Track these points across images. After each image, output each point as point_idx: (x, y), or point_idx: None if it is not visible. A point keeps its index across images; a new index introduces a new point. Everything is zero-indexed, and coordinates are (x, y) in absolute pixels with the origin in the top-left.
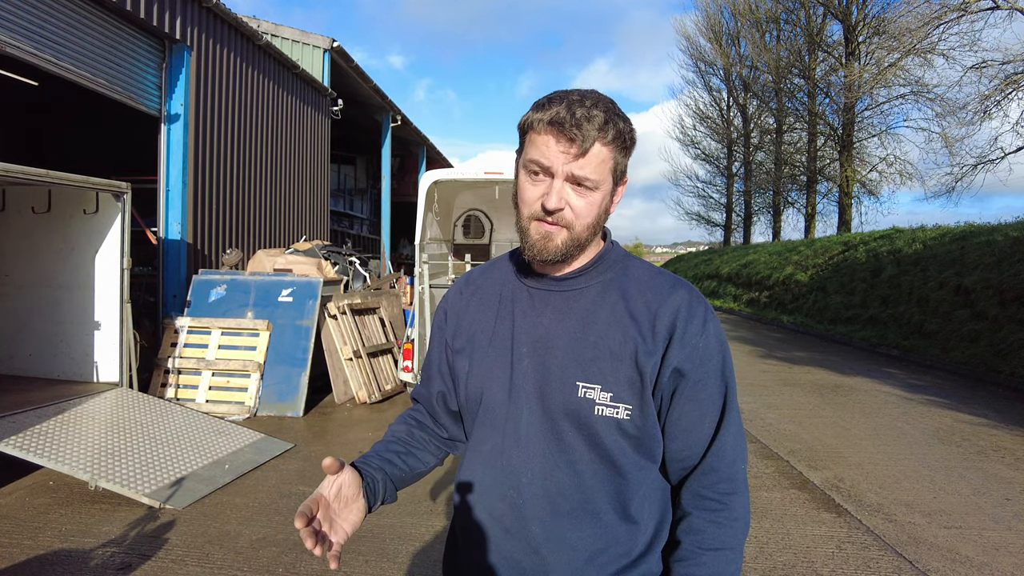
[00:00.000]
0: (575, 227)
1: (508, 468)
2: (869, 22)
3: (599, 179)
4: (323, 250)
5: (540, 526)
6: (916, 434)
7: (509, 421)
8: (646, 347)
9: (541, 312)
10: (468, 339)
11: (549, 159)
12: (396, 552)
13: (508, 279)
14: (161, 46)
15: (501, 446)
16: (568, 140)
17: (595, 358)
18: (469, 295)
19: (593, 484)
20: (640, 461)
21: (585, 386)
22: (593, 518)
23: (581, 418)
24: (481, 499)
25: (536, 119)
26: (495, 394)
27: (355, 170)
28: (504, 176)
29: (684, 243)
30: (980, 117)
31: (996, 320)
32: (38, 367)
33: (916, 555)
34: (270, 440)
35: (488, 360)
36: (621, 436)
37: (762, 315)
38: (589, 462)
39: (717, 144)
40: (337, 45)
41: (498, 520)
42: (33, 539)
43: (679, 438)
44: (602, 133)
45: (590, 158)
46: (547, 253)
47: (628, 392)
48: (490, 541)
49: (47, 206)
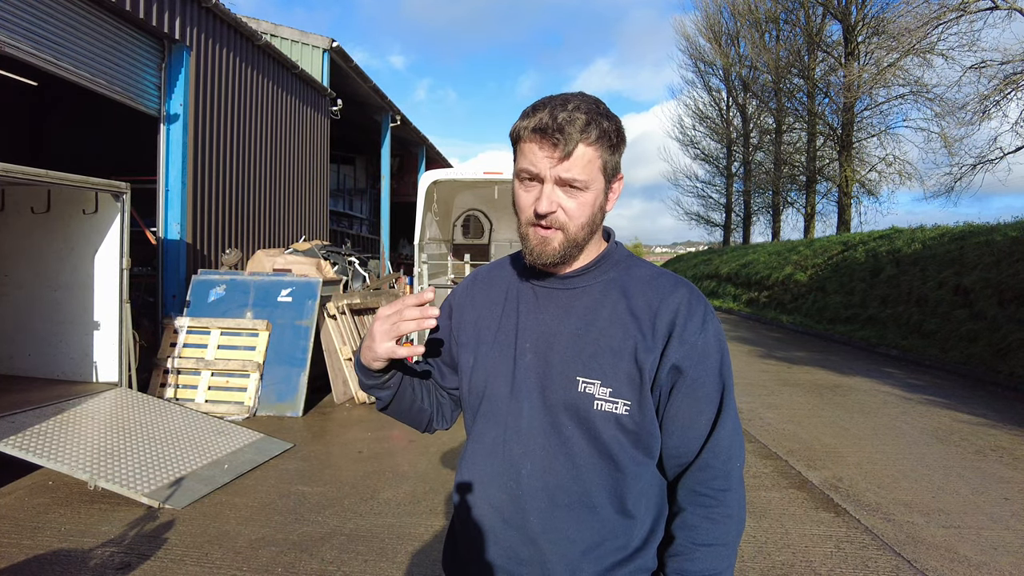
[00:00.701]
0: (569, 228)
1: (508, 460)
2: (868, 22)
3: (588, 179)
4: (322, 250)
5: (538, 518)
6: (915, 434)
7: (511, 415)
8: (645, 344)
9: (544, 309)
10: (473, 334)
11: (536, 166)
12: (395, 552)
13: (515, 278)
14: (160, 46)
15: (503, 438)
16: (552, 145)
17: (595, 354)
18: (476, 291)
19: (591, 478)
20: (638, 456)
21: (585, 381)
22: (591, 511)
23: (580, 412)
24: (481, 490)
25: (523, 128)
26: (498, 388)
27: (354, 170)
28: (503, 176)
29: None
30: (979, 117)
31: (995, 320)
32: (37, 367)
33: (914, 554)
34: (269, 440)
35: (492, 355)
36: (619, 431)
37: (761, 315)
38: (588, 456)
39: (716, 144)
40: (336, 45)
41: (497, 510)
42: (32, 539)
43: (675, 434)
44: (584, 134)
45: (575, 160)
46: (545, 257)
47: (627, 388)
48: (489, 531)
49: (46, 206)
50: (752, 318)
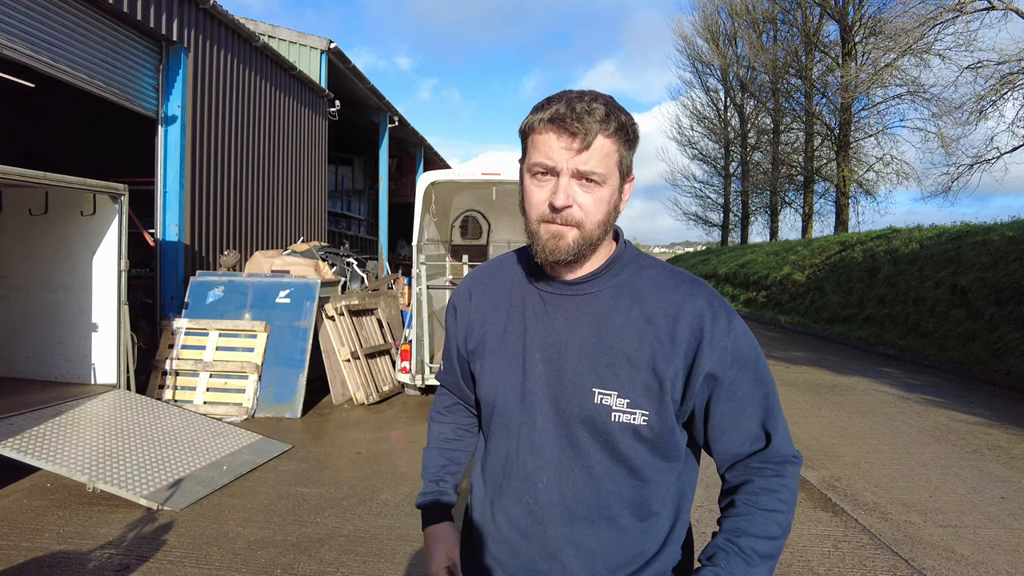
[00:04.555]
0: (585, 225)
1: (523, 474)
2: (865, 22)
3: (605, 173)
4: (320, 251)
5: (558, 531)
6: (912, 433)
7: (523, 427)
8: (664, 351)
9: (553, 317)
10: (479, 342)
11: (552, 158)
12: (394, 552)
13: (518, 280)
14: (158, 48)
15: (516, 451)
16: (570, 135)
17: (611, 364)
18: (478, 296)
19: (609, 489)
20: (657, 464)
21: (601, 392)
22: (610, 522)
23: (597, 424)
24: (498, 502)
25: (536, 120)
26: (508, 400)
27: (353, 171)
28: (501, 177)
29: (682, 243)
30: (976, 117)
31: (992, 319)
32: (35, 369)
33: (912, 553)
34: (268, 441)
35: (499, 365)
36: (637, 441)
37: (759, 315)
38: (605, 467)
39: (714, 144)
40: (334, 46)
41: (514, 523)
42: (31, 541)
43: (722, 439)
44: (604, 125)
45: (594, 151)
46: (559, 253)
47: (645, 398)
48: (508, 545)
49: (44, 208)
50: (750, 318)
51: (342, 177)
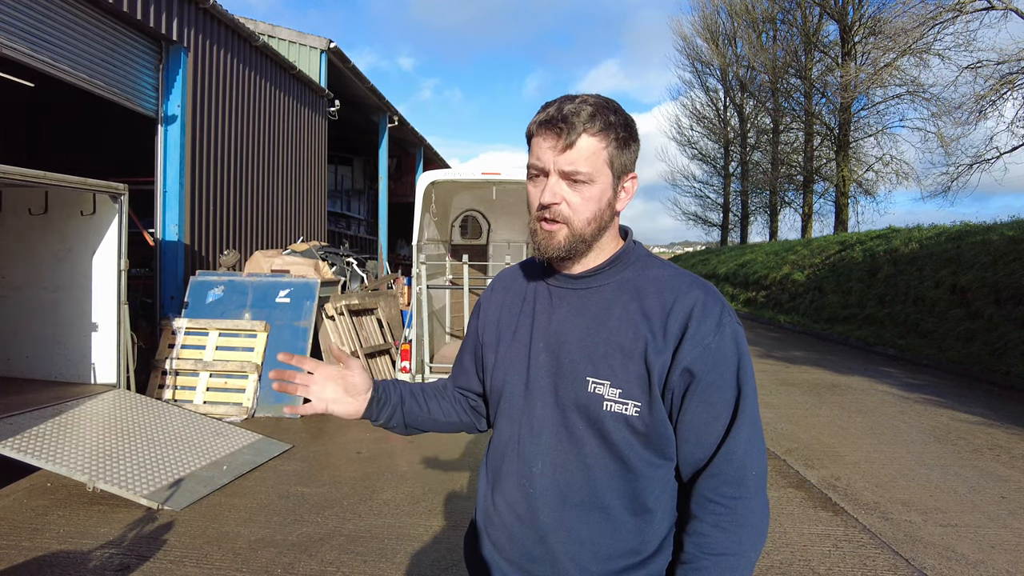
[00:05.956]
0: (573, 222)
1: (523, 458)
2: (865, 22)
3: (591, 171)
4: (320, 251)
5: (549, 516)
6: (912, 433)
7: (525, 413)
8: (655, 345)
9: (557, 309)
10: (495, 334)
11: (542, 160)
12: (394, 552)
13: (534, 278)
14: (158, 47)
15: (518, 436)
16: (555, 135)
17: (606, 355)
18: (500, 292)
19: (602, 478)
20: (650, 458)
21: (595, 381)
22: (602, 513)
23: (591, 412)
24: (499, 487)
25: (533, 123)
26: (514, 387)
27: (352, 171)
28: (501, 176)
29: (681, 243)
30: (975, 117)
31: (991, 319)
32: (35, 369)
33: (912, 553)
34: (268, 441)
35: (510, 355)
36: (630, 432)
37: (759, 315)
38: (599, 456)
39: (714, 144)
40: (334, 46)
41: (512, 507)
42: (31, 541)
43: (690, 440)
44: (588, 124)
45: (578, 150)
46: (550, 250)
47: (637, 389)
48: (505, 527)
49: (44, 208)
50: (750, 318)
51: (342, 177)
